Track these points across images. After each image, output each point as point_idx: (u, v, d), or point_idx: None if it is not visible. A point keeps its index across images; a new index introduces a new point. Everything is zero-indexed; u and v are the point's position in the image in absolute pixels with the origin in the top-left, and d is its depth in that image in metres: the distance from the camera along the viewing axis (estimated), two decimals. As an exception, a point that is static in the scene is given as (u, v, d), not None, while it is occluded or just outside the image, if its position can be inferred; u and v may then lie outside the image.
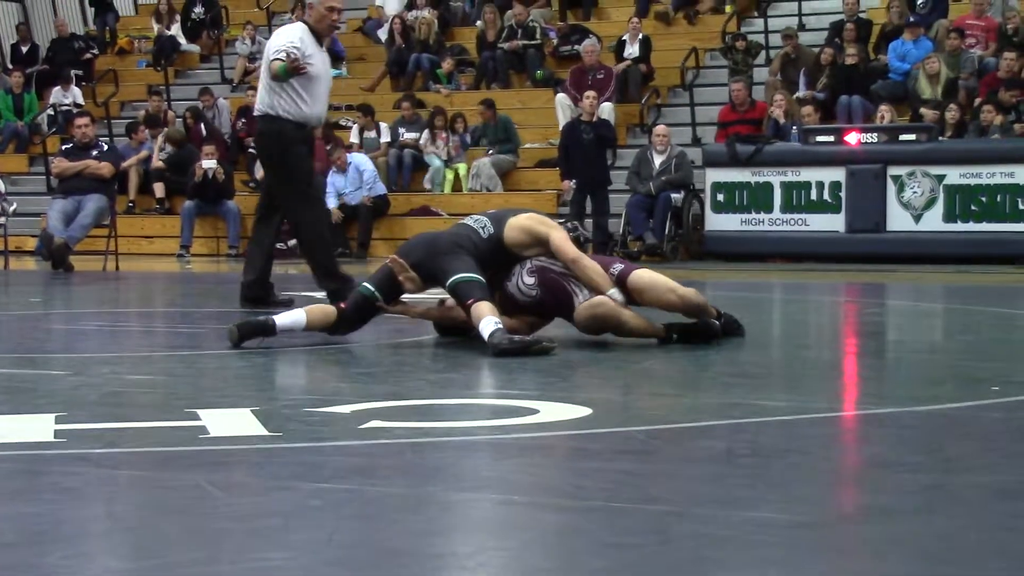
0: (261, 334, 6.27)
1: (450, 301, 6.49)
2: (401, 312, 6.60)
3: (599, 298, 6.28)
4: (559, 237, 6.42)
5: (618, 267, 6.50)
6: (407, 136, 17.82)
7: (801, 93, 16.95)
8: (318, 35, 8.57)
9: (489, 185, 17.27)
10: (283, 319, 6.31)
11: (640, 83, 18.32)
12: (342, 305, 6.49)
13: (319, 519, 2.99)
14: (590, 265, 6.37)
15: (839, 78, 16.94)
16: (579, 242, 6.79)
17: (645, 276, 6.47)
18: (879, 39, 17.81)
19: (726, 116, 16.71)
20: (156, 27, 22.30)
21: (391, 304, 6.48)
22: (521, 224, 6.46)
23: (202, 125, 18.68)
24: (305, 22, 8.60)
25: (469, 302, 6.11)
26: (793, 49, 17.47)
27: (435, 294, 6.66)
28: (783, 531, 2.88)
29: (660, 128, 16.07)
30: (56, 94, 20.60)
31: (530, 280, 6.40)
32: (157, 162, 18.20)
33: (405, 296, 6.58)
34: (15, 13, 24.88)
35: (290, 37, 8.52)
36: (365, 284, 6.49)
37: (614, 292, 6.33)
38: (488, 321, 5.98)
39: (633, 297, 6.42)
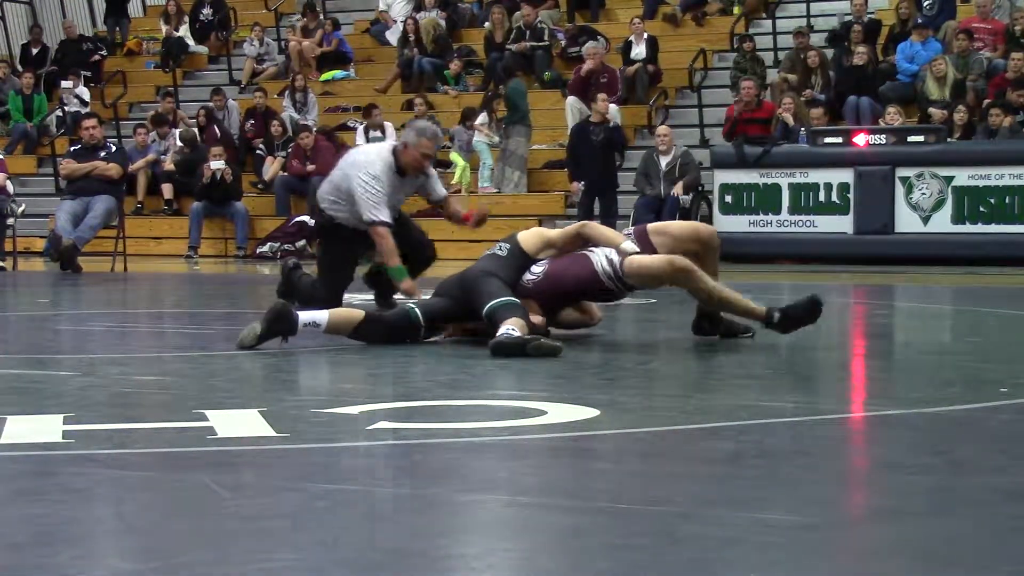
0: (281, 334, 6.24)
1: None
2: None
3: (675, 255, 6.38)
4: (563, 228, 6.76)
5: (630, 229, 6.72)
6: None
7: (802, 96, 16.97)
8: (402, 169, 8.01)
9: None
10: (305, 316, 6.28)
11: (647, 85, 18.31)
12: (381, 312, 6.52)
13: (327, 520, 2.99)
14: (598, 226, 6.67)
15: (846, 79, 16.93)
16: None
17: (658, 226, 6.79)
18: (887, 40, 17.80)
19: (732, 112, 16.70)
20: (164, 28, 22.33)
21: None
22: (531, 232, 6.75)
23: (215, 127, 18.73)
24: (394, 151, 8.02)
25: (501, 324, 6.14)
26: (801, 49, 17.45)
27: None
28: (791, 533, 2.88)
29: (662, 129, 16.09)
30: (65, 91, 20.63)
31: (540, 264, 6.50)
32: (168, 165, 18.23)
33: None
34: (24, 15, 24.93)
35: (375, 187, 7.85)
36: (415, 308, 6.48)
37: (627, 244, 6.43)
38: (504, 326, 6.00)
39: (657, 246, 6.53)
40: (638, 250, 6.42)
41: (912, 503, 3.20)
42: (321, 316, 6.28)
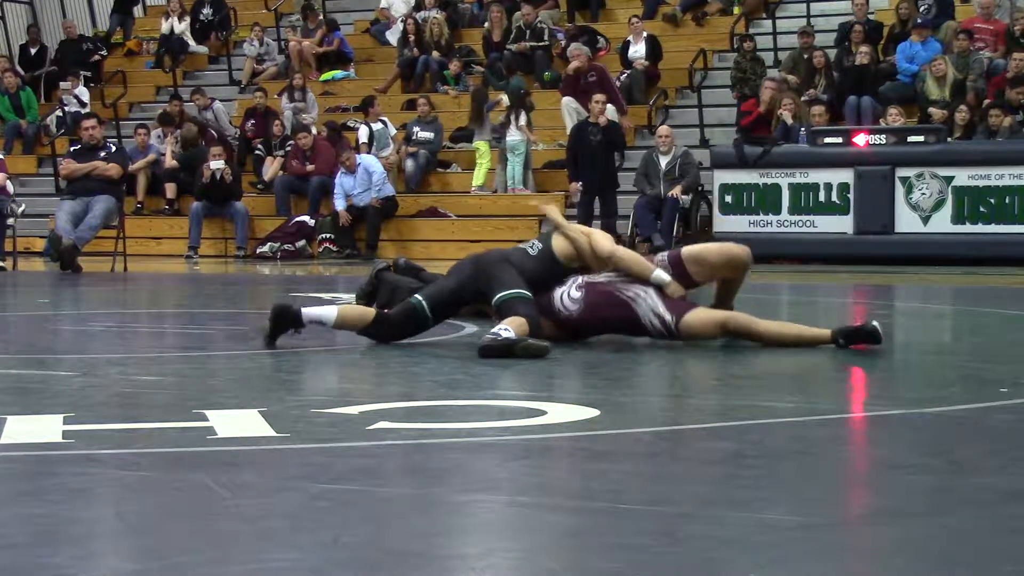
0: (291, 326, 6.22)
1: None
2: None
3: (729, 313, 6.36)
4: (599, 236, 6.58)
5: (664, 255, 6.59)
6: (422, 135, 17.80)
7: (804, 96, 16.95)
8: None
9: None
10: (311, 312, 6.28)
11: (645, 85, 18.30)
12: (386, 310, 6.48)
13: (327, 520, 2.99)
14: (627, 255, 6.49)
15: (847, 79, 16.93)
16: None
17: (695, 246, 6.66)
18: (887, 40, 17.80)
19: (749, 107, 16.65)
20: (164, 23, 22.21)
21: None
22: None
23: (212, 131, 18.75)
24: None
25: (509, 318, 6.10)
26: (805, 49, 17.44)
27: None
28: (791, 533, 2.88)
29: (663, 129, 16.08)
30: (64, 91, 20.63)
31: (576, 294, 6.41)
32: (171, 161, 18.23)
33: None
34: (24, 15, 24.92)
35: None
36: (419, 298, 6.39)
37: (658, 274, 6.36)
38: (499, 325, 5.97)
39: (694, 275, 6.47)
40: (668, 279, 6.34)
41: (912, 503, 3.20)
42: (328, 314, 6.28)
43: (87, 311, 9.71)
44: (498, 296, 6.19)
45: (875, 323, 6.32)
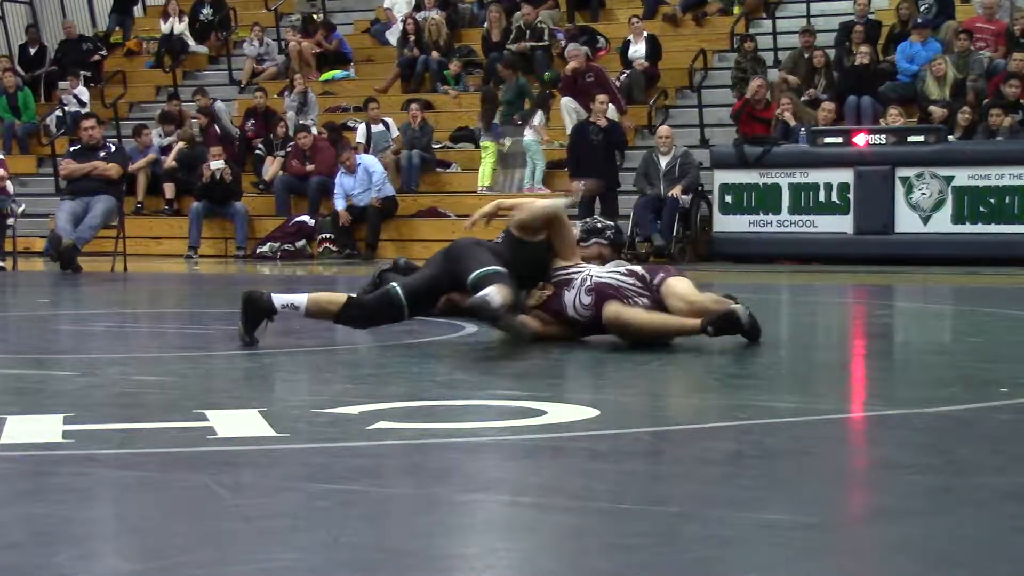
0: (264, 316, 6.20)
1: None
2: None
3: (613, 313, 6.32)
4: (526, 202, 6.80)
5: (661, 276, 6.52)
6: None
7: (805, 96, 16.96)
8: None
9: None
10: (283, 297, 6.25)
11: (645, 85, 18.30)
12: (359, 295, 6.45)
13: (327, 520, 2.99)
14: (569, 229, 6.65)
15: (847, 79, 16.93)
16: (598, 231, 7.12)
17: (672, 283, 6.47)
18: (887, 40, 17.82)
19: (739, 105, 16.67)
20: (164, 23, 22.22)
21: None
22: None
23: (216, 127, 18.75)
24: None
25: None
26: (806, 48, 17.45)
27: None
28: (791, 532, 2.88)
29: (663, 129, 16.10)
30: (64, 91, 20.63)
31: (587, 300, 6.41)
32: (171, 162, 18.23)
33: None
34: (24, 15, 24.92)
35: None
36: (395, 285, 6.36)
37: (554, 202, 6.69)
38: (486, 289, 5.94)
39: (667, 305, 6.45)
40: (565, 201, 6.89)
41: (912, 503, 3.20)
42: (300, 299, 6.26)
43: (87, 311, 9.71)
44: (472, 275, 6.11)
45: (742, 309, 6.29)
